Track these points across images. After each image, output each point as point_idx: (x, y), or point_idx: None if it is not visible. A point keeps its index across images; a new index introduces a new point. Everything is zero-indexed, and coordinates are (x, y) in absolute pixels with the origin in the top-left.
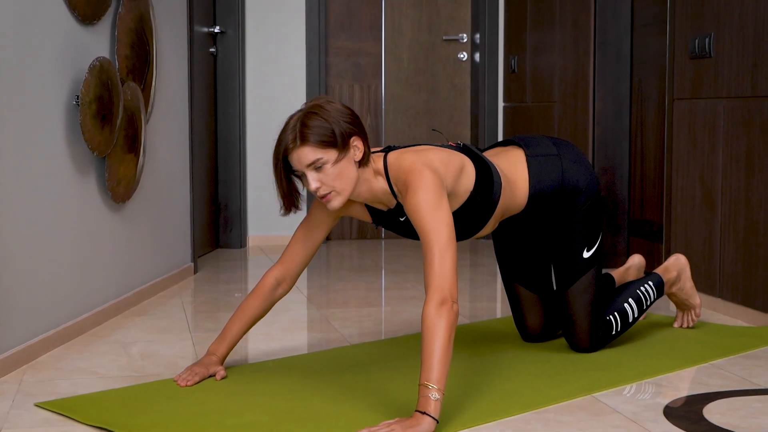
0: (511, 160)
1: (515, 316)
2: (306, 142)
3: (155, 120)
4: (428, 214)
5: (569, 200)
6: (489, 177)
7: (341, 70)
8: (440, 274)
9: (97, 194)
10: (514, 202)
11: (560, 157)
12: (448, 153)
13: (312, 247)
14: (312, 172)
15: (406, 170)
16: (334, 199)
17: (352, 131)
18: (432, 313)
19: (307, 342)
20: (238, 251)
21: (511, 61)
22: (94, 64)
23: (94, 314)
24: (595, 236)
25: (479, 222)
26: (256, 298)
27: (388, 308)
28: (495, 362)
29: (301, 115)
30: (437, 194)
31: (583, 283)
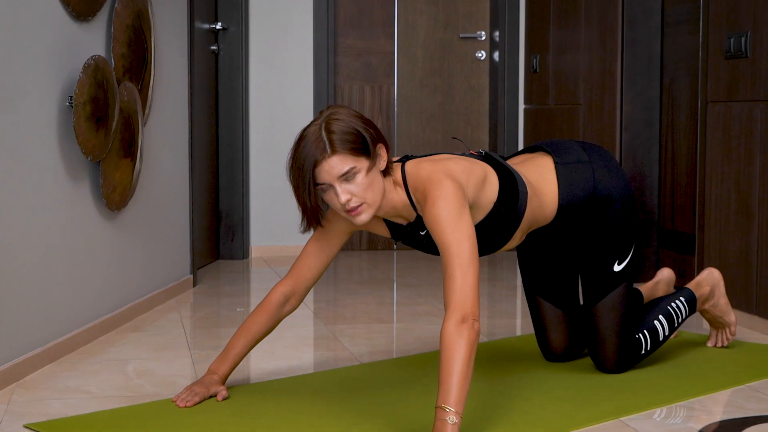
0: (539, 168)
1: (537, 334)
2: (336, 150)
3: (153, 123)
4: (449, 227)
5: (602, 210)
6: (514, 187)
7: (351, 70)
8: (461, 290)
9: (91, 201)
10: (542, 213)
11: (592, 164)
12: (469, 162)
13: (325, 261)
14: (343, 184)
15: (425, 180)
16: (364, 212)
17: (378, 137)
18: (452, 331)
19: (313, 360)
20: (240, 262)
21: (533, 60)
22: (89, 63)
23: (87, 330)
24: (627, 248)
25: (504, 235)
26: (262, 314)
27: (401, 325)
28: (515, 384)
29: (323, 124)
30: (459, 205)
31: (613, 298)
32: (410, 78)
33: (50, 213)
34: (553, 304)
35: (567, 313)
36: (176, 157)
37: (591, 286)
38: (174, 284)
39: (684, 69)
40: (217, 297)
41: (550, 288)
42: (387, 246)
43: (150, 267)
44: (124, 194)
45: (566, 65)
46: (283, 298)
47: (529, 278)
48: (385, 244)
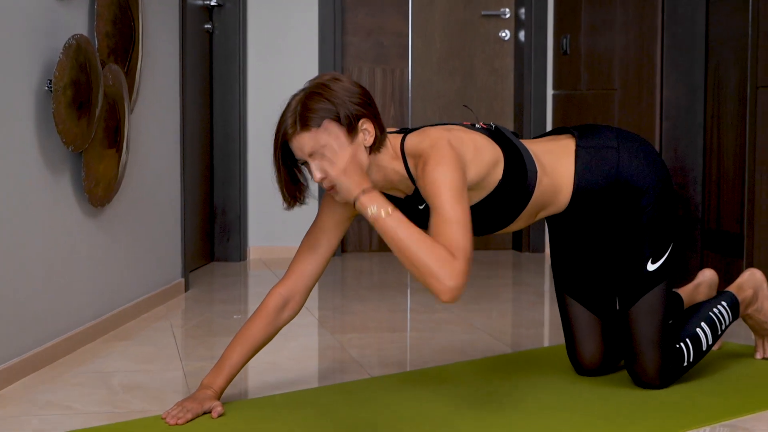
0: (557, 149)
1: (568, 344)
2: (306, 127)
3: (141, 109)
4: (447, 193)
5: (630, 201)
6: (521, 164)
7: (361, 51)
8: (452, 237)
9: (72, 197)
10: (555, 198)
11: (619, 150)
12: (480, 136)
13: (323, 256)
14: (315, 161)
15: (428, 145)
16: None
17: (360, 113)
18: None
19: (318, 373)
20: (236, 265)
21: (563, 40)
22: (70, 43)
23: (68, 339)
24: (663, 246)
25: (508, 214)
26: (258, 321)
27: (415, 334)
28: (543, 400)
29: (302, 96)
30: (460, 180)
31: (649, 301)
32: (426, 60)
33: (26, 210)
34: (585, 307)
35: (601, 319)
36: (166, 148)
37: (624, 286)
38: (164, 289)
39: (731, 50)
40: (211, 303)
41: (582, 286)
42: None
43: (137, 270)
44: (109, 189)
45: (600, 46)
46: (281, 300)
47: (560, 273)
48: None
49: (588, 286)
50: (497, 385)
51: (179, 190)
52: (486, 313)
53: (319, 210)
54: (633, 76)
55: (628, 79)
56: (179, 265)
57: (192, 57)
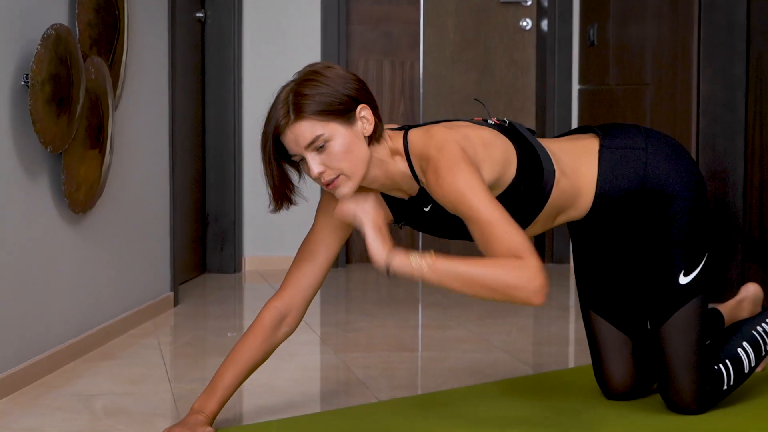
0: (579, 149)
1: (595, 365)
2: (302, 114)
3: (126, 106)
4: (475, 197)
5: (658, 208)
6: (536, 163)
7: (367, 41)
8: (510, 245)
9: (51, 202)
10: (575, 201)
11: (647, 151)
12: (489, 132)
13: (322, 265)
14: (313, 154)
15: (435, 149)
16: (343, 185)
17: (358, 97)
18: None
19: (320, 396)
20: (231, 277)
21: (590, 30)
22: (49, 34)
23: (47, 358)
24: (696, 256)
25: (523, 217)
26: (253, 338)
27: (427, 353)
28: (568, 427)
29: (293, 85)
30: (478, 178)
31: (682, 317)
32: (439, 52)
33: (0, 216)
34: (613, 324)
35: (631, 337)
36: (154, 148)
37: (655, 301)
38: (151, 303)
39: None
40: (204, 319)
41: (609, 301)
42: None
43: (122, 282)
44: (91, 193)
45: (630, 36)
46: (277, 315)
47: (585, 288)
48: None
49: (616, 302)
50: (517, 411)
51: (168, 194)
52: (505, 330)
53: (316, 215)
54: (667, 70)
55: (661, 73)
56: (168, 278)
57: (182, 48)
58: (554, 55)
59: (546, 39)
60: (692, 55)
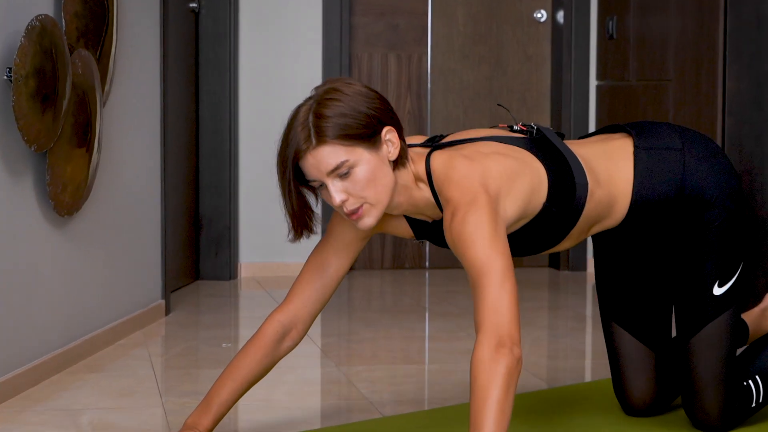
0: (612, 152)
1: (615, 379)
2: (324, 139)
3: (115, 102)
4: (480, 245)
5: (695, 213)
6: (569, 178)
7: (372, 34)
8: (496, 308)
9: (34, 203)
10: (611, 210)
11: (684, 152)
12: (515, 159)
13: (332, 280)
14: (335, 181)
15: (455, 186)
16: (367, 215)
17: (382, 118)
18: (485, 357)
19: (320, 412)
20: (225, 284)
21: (608, 23)
22: (33, 25)
23: (31, 370)
24: (732, 266)
25: (555, 236)
26: (254, 351)
27: (435, 366)
28: None
29: (312, 104)
30: (492, 223)
31: (713, 331)
32: (448, 45)
33: None
34: (635, 337)
35: (653, 350)
36: (145, 147)
37: (685, 312)
38: (141, 312)
39: None
40: (196, 328)
41: (633, 313)
42: (417, 265)
43: (110, 289)
44: (78, 195)
45: (652, 29)
46: (281, 329)
47: (607, 298)
48: (415, 262)
49: (640, 313)
50: (530, 427)
51: (159, 196)
52: None
53: (329, 226)
54: (690, 65)
55: (684, 69)
56: (159, 285)
57: (175, 41)
58: (570, 49)
59: (562, 32)
60: (718, 49)
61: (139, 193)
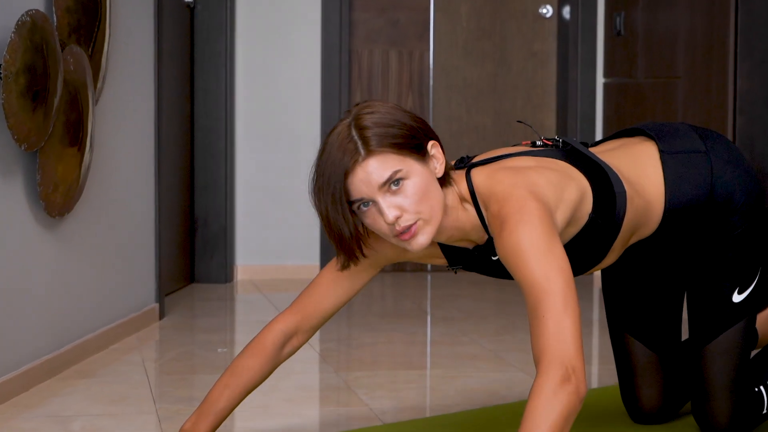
0: (638, 158)
1: (623, 385)
2: (371, 147)
3: (108, 100)
4: (535, 258)
5: (719, 219)
6: (608, 188)
7: (372, 29)
8: (560, 338)
9: (25, 204)
10: (647, 219)
11: (709, 155)
12: (558, 171)
13: (342, 298)
14: (386, 196)
15: (502, 198)
16: (421, 232)
17: (427, 131)
18: (550, 390)
19: (319, 419)
20: (221, 287)
21: (616, 18)
22: (24, 21)
23: (20, 375)
24: (751, 273)
25: (600, 251)
26: (254, 356)
27: (437, 372)
28: None
29: (351, 121)
30: (547, 232)
31: (729, 338)
32: (451, 41)
33: None
34: (645, 345)
35: (663, 357)
36: (138, 146)
37: (702, 320)
38: (134, 316)
39: None
40: (191, 333)
41: (643, 322)
42: (418, 267)
43: (103, 293)
44: (69, 195)
45: (660, 25)
46: (282, 337)
47: (616, 307)
48: (416, 266)
49: (652, 321)
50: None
51: (153, 196)
52: (521, 346)
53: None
54: (700, 62)
55: (694, 66)
56: (153, 288)
57: (170, 37)
58: (577, 46)
59: (568, 28)
60: (729, 46)
61: (133, 193)
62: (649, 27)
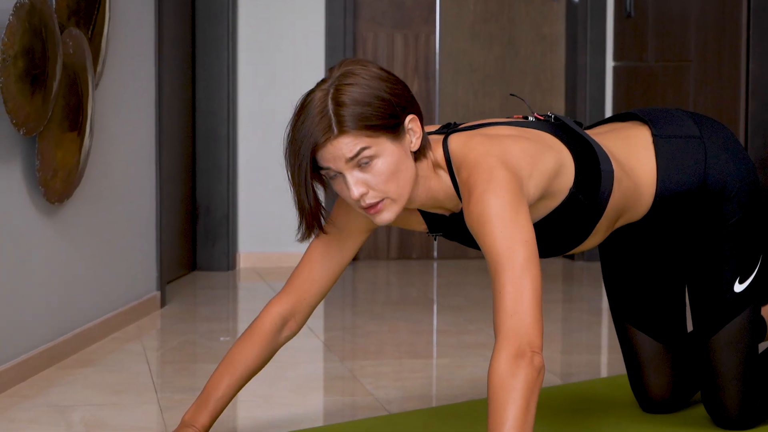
0: (630, 140)
1: (631, 375)
2: (346, 128)
3: (108, 84)
4: (499, 228)
5: (713, 207)
6: (594, 164)
7: (377, 12)
8: (515, 311)
9: (24, 190)
10: (635, 203)
11: (703, 140)
12: (536, 141)
13: (335, 270)
14: (354, 171)
15: (472, 165)
16: (387, 209)
17: (404, 104)
18: (503, 368)
19: (323, 409)
20: (223, 275)
21: (626, 0)
22: (22, 3)
23: (19, 364)
24: (751, 262)
25: (583, 229)
26: (252, 343)
27: (444, 361)
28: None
29: (330, 90)
30: (514, 203)
31: (734, 329)
32: (458, 24)
33: None
34: (650, 336)
35: (670, 347)
36: (139, 131)
37: (704, 312)
38: (135, 304)
39: None
40: (194, 321)
41: (646, 313)
42: (424, 255)
43: (103, 281)
44: (69, 181)
45: (672, 7)
46: (280, 321)
47: (618, 299)
48: (422, 252)
49: (654, 312)
50: (544, 425)
51: (154, 183)
52: None
53: (332, 215)
54: (712, 45)
55: (706, 49)
56: (154, 276)
57: (171, 19)
58: (586, 29)
59: (577, 10)
60: (741, 28)
61: (133, 179)
62: (659, 9)
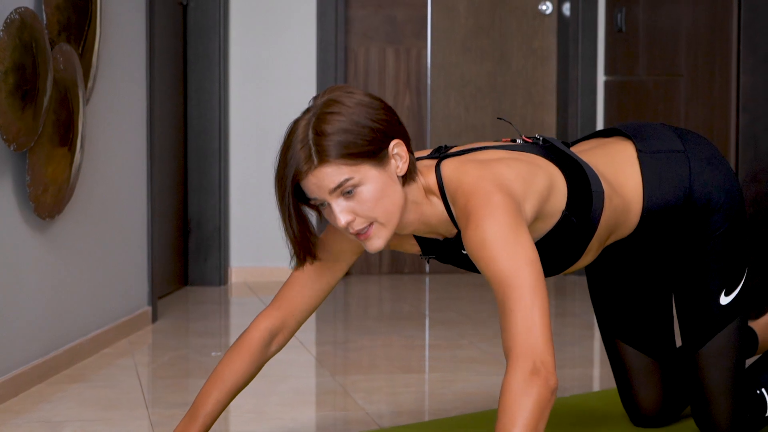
0: (615, 157)
1: (621, 390)
2: (326, 158)
3: (99, 99)
4: (502, 252)
5: (699, 220)
6: (584, 186)
7: (368, 27)
8: (528, 331)
9: (14, 206)
10: (625, 219)
11: (687, 155)
12: (528, 164)
13: (324, 286)
14: (339, 200)
15: (468, 191)
16: (376, 235)
17: (390, 132)
18: (518, 386)
19: (315, 423)
20: (215, 290)
21: (617, 15)
22: (12, 18)
23: (10, 380)
24: (737, 274)
25: (576, 250)
26: (240, 356)
27: (436, 375)
28: None
29: (312, 119)
30: (513, 224)
31: (721, 341)
32: (449, 38)
33: None
34: (639, 350)
35: (659, 361)
36: (130, 147)
37: (691, 325)
38: (127, 319)
39: None
40: (185, 336)
41: (634, 328)
42: (416, 269)
43: (94, 296)
44: (60, 196)
45: (663, 21)
46: (268, 335)
47: (605, 314)
48: (414, 267)
49: (641, 327)
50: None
51: (145, 198)
52: None
53: (323, 235)
54: (703, 59)
55: (697, 63)
56: (146, 291)
57: (162, 35)
58: (577, 43)
59: (568, 25)
60: (731, 42)
61: (124, 194)
62: (650, 23)
